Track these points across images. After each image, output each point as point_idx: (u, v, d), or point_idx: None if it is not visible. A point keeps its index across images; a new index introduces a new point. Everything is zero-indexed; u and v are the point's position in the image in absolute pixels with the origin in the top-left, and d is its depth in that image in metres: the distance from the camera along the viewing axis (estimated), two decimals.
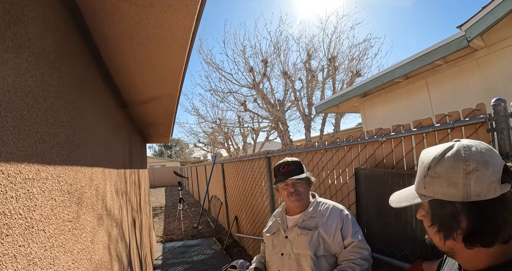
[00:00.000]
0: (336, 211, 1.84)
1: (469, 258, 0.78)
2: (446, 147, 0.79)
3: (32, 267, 0.80)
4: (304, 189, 1.87)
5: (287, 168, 1.86)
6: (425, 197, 0.81)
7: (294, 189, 1.84)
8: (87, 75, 1.62)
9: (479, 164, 0.72)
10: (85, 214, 1.36)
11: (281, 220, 1.96)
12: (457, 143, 0.79)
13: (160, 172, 31.25)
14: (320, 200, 1.93)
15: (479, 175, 0.71)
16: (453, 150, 0.77)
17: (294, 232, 1.84)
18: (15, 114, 0.78)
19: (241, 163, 5.76)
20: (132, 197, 3.18)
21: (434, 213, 0.80)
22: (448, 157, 0.76)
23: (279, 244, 1.90)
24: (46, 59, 1.03)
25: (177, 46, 1.75)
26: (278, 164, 1.92)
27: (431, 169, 0.78)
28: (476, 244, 0.73)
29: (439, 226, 0.79)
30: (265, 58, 10.42)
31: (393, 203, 0.94)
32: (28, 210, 0.81)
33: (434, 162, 0.78)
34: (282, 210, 2.02)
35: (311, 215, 1.84)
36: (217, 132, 15.79)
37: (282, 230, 1.91)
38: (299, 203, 1.87)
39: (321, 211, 1.85)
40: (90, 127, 1.60)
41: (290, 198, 1.86)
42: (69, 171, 1.20)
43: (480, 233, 0.72)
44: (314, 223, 1.81)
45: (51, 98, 1.05)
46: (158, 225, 9.62)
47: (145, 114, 3.69)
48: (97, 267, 1.47)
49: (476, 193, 0.71)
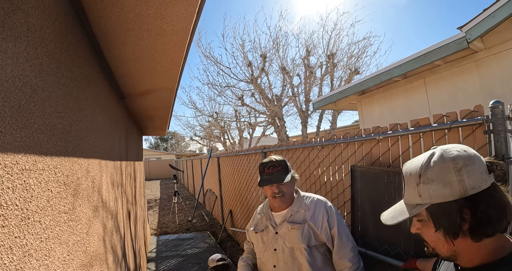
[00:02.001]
0: (320, 204, 1.89)
1: (470, 256, 0.80)
2: (428, 155, 0.83)
3: (27, 259, 0.79)
4: (288, 189, 1.88)
5: (272, 169, 1.85)
6: (422, 205, 0.82)
7: (278, 190, 1.84)
8: (85, 66, 1.60)
9: (465, 159, 0.77)
10: (81, 205, 1.36)
11: (267, 216, 1.97)
12: (437, 149, 0.83)
13: (156, 165, 31.21)
14: (303, 194, 1.96)
15: (469, 169, 0.75)
16: (437, 155, 0.81)
17: (284, 227, 1.86)
18: (12, 104, 0.77)
19: (237, 157, 5.76)
20: (127, 189, 3.18)
21: (435, 218, 0.81)
22: (435, 161, 0.80)
23: (270, 240, 1.92)
24: (45, 49, 1.01)
25: (177, 39, 1.73)
26: (263, 163, 1.90)
27: (422, 175, 0.81)
28: (482, 236, 0.76)
29: (445, 229, 0.80)
30: (264, 53, 10.39)
31: (388, 221, 0.93)
32: (24, 201, 0.81)
33: (423, 169, 0.81)
34: (266, 207, 2.03)
35: (298, 209, 1.87)
36: (213, 126, 15.77)
37: (270, 226, 1.93)
38: (284, 204, 1.89)
39: (307, 204, 1.89)
40: (88, 119, 1.59)
41: (274, 199, 1.87)
42: (66, 162, 1.19)
43: (485, 221, 0.75)
44: (302, 217, 1.85)
45: (49, 89, 1.04)
46: (153, 218, 9.63)
47: (142, 107, 3.67)
48: (92, 259, 1.47)
49: (471, 186, 0.75)
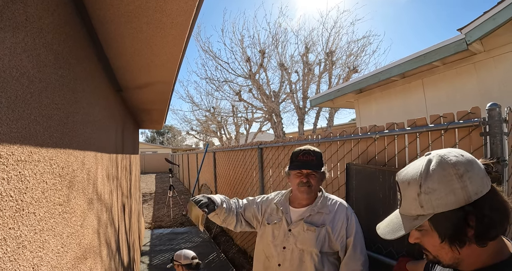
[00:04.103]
0: (342, 209, 1.79)
1: (472, 261, 0.78)
2: (425, 162, 0.79)
3: (21, 250, 0.79)
4: (316, 183, 1.79)
5: (307, 157, 1.76)
6: (424, 216, 0.78)
7: (306, 180, 1.76)
8: (83, 58, 1.59)
9: (465, 165, 0.74)
10: (76, 197, 1.35)
11: (284, 210, 1.87)
12: (432, 155, 0.79)
13: (152, 158, 31.18)
14: (327, 195, 1.87)
15: (471, 174, 0.73)
16: (435, 161, 0.77)
17: (299, 226, 1.77)
18: (9, 94, 0.76)
19: (233, 152, 5.76)
20: (123, 182, 3.17)
21: (440, 228, 0.78)
22: (434, 169, 0.76)
23: (280, 236, 1.82)
24: (43, 40, 1.00)
25: (177, 32, 1.72)
26: (299, 150, 1.81)
27: (423, 185, 0.77)
28: (488, 240, 0.74)
29: (451, 238, 0.77)
30: (263, 49, 10.35)
31: (387, 235, 0.87)
32: (19, 192, 0.80)
33: (422, 178, 0.77)
34: (285, 199, 1.92)
35: (318, 210, 1.77)
36: (210, 121, 15.75)
37: (285, 221, 1.83)
38: (308, 196, 1.79)
39: (329, 206, 1.79)
40: (84, 111, 1.58)
41: (300, 187, 1.77)
42: (62, 154, 1.18)
43: (490, 225, 0.73)
44: (321, 219, 1.75)
45: (47, 80, 1.03)
46: (147, 211, 9.64)
47: (139, 100, 3.65)
48: (86, 251, 1.47)
49: (475, 192, 0.73)
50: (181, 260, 2.90)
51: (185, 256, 2.92)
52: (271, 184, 4.02)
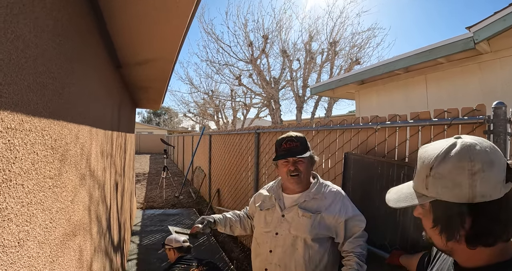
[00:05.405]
0: (340, 196, 1.76)
1: (469, 256, 0.76)
2: (448, 145, 0.74)
3: (6, 223, 0.75)
4: (305, 169, 1.74)
5: (291, 144, 1.71)
6: (427, 198, 0.77)
7: (294, 167, 1.72)
8: (83, 29, 1.52)
9: (484, 164, 0.69)
10: (68, 172, 1.31)
11: (277, 196, 1.84)
12: (460, 141, 0.74)
13: (147, 139, 31.06)
14: (322, 181, 1.83)
15: (485, 176, 0.68)
16: (457, 149, 0.72)
17: (293, 212, 1.73)
18: (2, 56, 0.71)
19: (229, 136, 5.73)
20: (116, 160, 3.13)
21: (436, 214, 0.77)
22: (452, 156, 0.72)
23: (274, 223, 1.79)
24: (42, 4, 0.95)
25: (181, 10, 1.66)
26: (281, 138, 1.76)
27: (434, 169, 0.74)
28: (478, 244, 0.72)
29: (441, 228, 0.76)
30: (266, 34, 10.22)
31: (391, 202, 0.87)
32: (7, 161, 0.76)
33: (436, 161, 0.74)
34: (277, 186, 1.89)
35: (313, 196, 1.74)
36: (208, 104, 15.66)
37: (278, 207, 1.79)
38: (298, 185, 1.76)
39: (324, 193, 1.75)
40: (81, 83, 1.52)
41: (288, 177, 1.74)
42: (55, 125, 1.13)
43: (484, 234, 0.70)
44: (316, 205, 1.72)
45: (43, 46, 0.97)
46: (140, 191, 9.64)
47: (139, 77, 3.57)
48: (76, 228, 1.43)
49: (481, 194, 0.68)
50: (172, 244, 2.96)
51: (176, 239, 2.97)
52: (266, 169, 4.01)
